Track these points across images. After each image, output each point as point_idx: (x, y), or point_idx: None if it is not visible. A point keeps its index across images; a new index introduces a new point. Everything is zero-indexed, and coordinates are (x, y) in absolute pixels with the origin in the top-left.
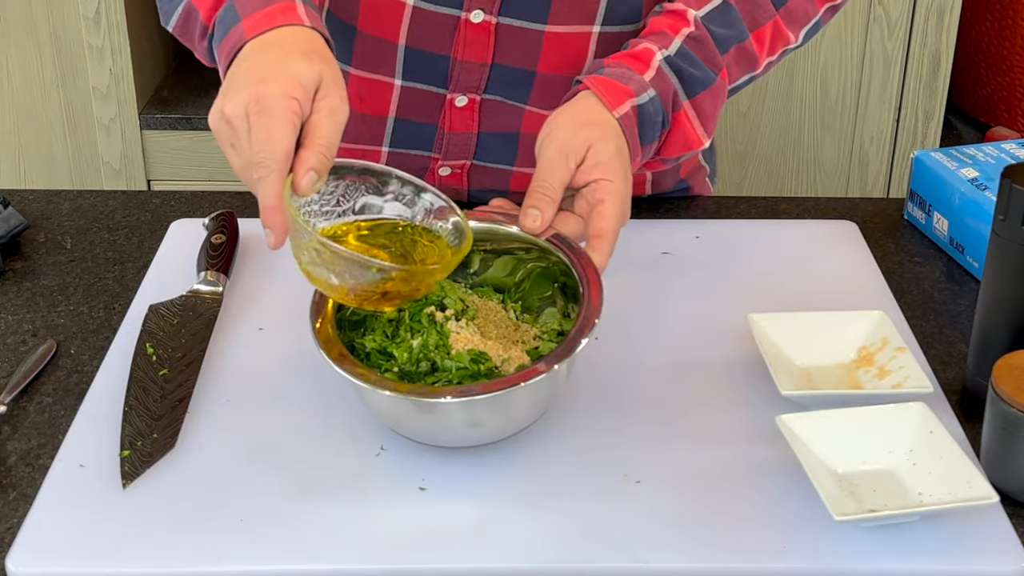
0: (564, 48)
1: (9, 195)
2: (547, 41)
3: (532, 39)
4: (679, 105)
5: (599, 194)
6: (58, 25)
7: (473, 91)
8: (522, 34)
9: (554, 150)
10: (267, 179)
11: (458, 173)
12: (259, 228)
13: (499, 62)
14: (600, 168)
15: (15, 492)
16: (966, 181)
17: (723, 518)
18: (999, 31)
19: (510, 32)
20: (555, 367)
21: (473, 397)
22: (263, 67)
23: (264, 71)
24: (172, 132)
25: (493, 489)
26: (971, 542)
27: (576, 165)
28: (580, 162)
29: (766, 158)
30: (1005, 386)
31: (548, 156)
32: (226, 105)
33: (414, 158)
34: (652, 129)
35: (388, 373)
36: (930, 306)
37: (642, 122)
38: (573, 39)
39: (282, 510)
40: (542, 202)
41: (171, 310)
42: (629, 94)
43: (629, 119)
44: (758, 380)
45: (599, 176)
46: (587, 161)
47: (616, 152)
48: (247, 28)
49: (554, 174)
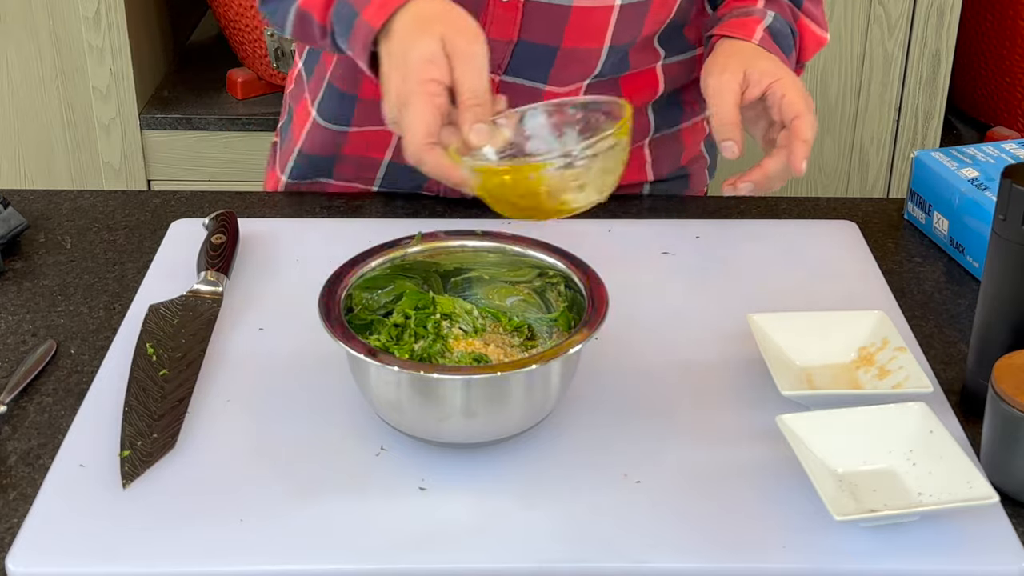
0: (588, 21)
1: (9, 195)
2: (573, 15)
3: (559, 14)
4: (796, 15)
5: (778, 92)
6: (58, 25)
7: (494, 71)
8: (549, 9)
9: (715, 85)
10: (424, 158)
11: None
12: (259, 228)
13: (524, 39)
14: (765, 75)
15: (15, 492)
16: (966, 181)
17: (723, 518)
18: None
19: (537, 8)
20: (551, 361)
21: (471, 376)
22: (396, 61)
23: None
24: (172, 132)
25: (493, 489)
26: (971, 542)
27: (740, 86)
28: (744, 82)
29: None
30: (1005, 386)
31: (713, 91)
32: (385, 107)
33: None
34: (786, 40)
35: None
36: (930, 306)
37: (777, 39)
38: (598, 12)
39: (282, 510)
40: (726, 132)
41: (171, 310)
42: (757, 21)
43: (766, 40)
44: (758, 380)
45: (768, 81)
46: (750, 77)
47: (770, 60)
48: (369, 19)
49: (724, 103)
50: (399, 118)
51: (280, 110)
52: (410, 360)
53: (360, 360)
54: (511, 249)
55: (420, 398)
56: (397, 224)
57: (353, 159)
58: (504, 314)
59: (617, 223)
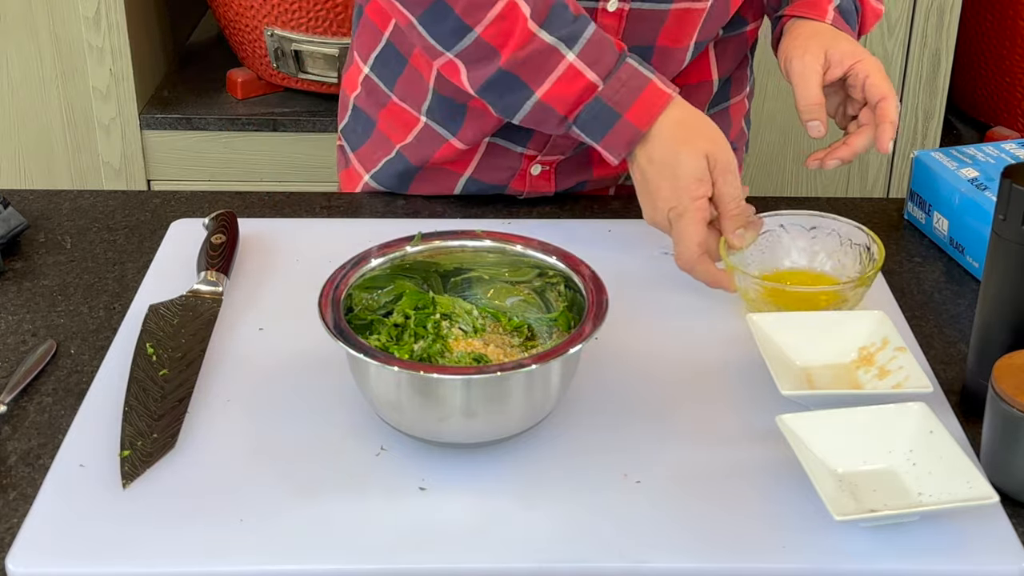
0: (682, 21)
1: (9, 195)
2: (670, 17)
3: (656, 18)
4: None
5: (861, 74)
6: (58, 25)
7: None
8: (649, 15)
9: (798, 68)
10: (696, 268)
11: (547, 171)
12: (259, 228)
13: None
14: (847, 56)
15: (15, 492)
16: (966, 181)
17: (723, 518)
18: (999, 31)
19: (638, 15)
20: (551, 361)
21: (471, 376)
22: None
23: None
24: (172, 132)
25: (493, 489)
26: (971, 542)
27: (822, 66)
28: (825, 63)
29: (766, 158)
30: (1005, 386)
31: (796, 73)
32: (654, 215)
33: (507, 154)
34: (852, 17)
35: None
36: (930, 306)
37: (845, 16)
38: (692, 13)
39: (282, 510)
40: (813, 112)
41: (171, 310)
42: (828, 2)
43: (838, 19)
44: (758, 380)
45: (849, 62)
46: (831, 58)
47: (849, 41)
48: (635, 120)
49: (809, 85)
50: (671, 228)
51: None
52: (410, 360)
53: (360, 360)
54: (511, 249)
55: (420, 398)
56: (397, 224)
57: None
58: (504, 314)
59: (617, 223)
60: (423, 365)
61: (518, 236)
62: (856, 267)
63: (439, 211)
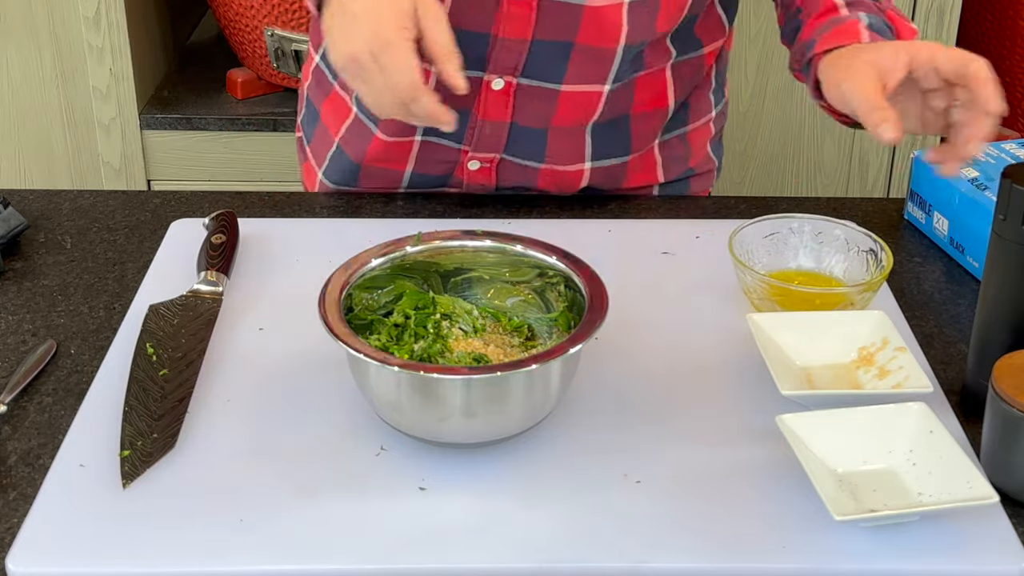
0: (601, 20)
1: (9, 195)
2: (586, 14)
3: (572, 12)
4: (883, 10)
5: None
6: (58, 25)
7: (510, 73)
8: (563, 8)
9: (849, 86)
10: (420, 99)
11: (487, 168)
12: (259, 228)
13: (538, 37)
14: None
15: (15, 492)
16: (966, 181)
17: (723, 518)
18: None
19: (551, 6)
20: (551, 361)
21: (471, 376)
22: (366, 7)
23: (369, 8)
24: (172, 132)
25: (493, 489)
26: (971, 542)
27: (878, 75)
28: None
29: (766, 158)
30: (1005, 386)
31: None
32: (351, 47)
33: (444, 150)
34: (885, 36)
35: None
36: (930, 306)
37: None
38: (608, 11)
39: (282, 510)
40: (878, 115)
41: (171, 310)
42: (855, 23)
43: (874, 37)
44: (758, 380)
45: (904, 56)
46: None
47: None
48: None
49: (865, 90)
50: (374, 62)
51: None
52: (410, 360)
53: (360, 360)
54: (511, 249)
55: (420, 398)
56: (397, 224)
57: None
58: (504, 314)
59: (617, 223)
60: (423, 365)
61: (518, 236)
62: (863, 272)
63: (439, 211)
